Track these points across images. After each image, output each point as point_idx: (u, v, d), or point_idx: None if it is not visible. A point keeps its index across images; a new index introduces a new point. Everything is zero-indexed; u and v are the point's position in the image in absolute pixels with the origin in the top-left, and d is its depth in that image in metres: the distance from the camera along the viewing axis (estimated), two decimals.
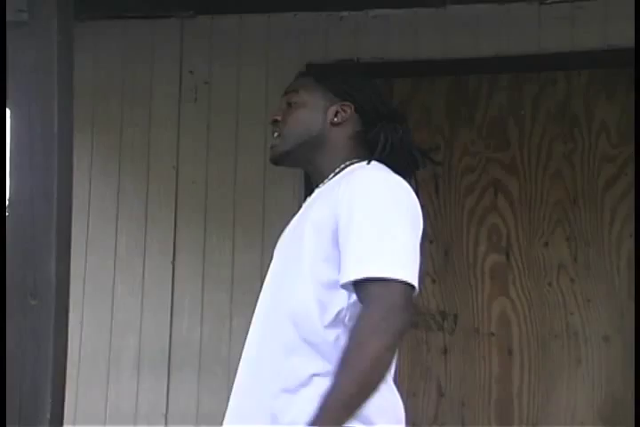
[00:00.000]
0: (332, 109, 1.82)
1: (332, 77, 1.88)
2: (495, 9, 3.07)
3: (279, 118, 1.85)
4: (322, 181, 1.80)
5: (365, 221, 1.59)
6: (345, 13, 3.18)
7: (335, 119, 1.82)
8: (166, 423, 3.14)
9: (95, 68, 3.30)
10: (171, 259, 3.20)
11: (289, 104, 1.85)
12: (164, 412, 3.14)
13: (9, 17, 1.81)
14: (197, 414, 3.10)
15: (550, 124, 3.07)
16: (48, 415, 1.72)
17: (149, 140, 3.29)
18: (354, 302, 1.60)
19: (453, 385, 3.02)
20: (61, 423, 1.79)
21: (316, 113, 1.83)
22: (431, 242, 3.08)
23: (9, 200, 1.83)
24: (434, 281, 3.06)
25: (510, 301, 3.02)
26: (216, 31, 3.29)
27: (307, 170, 1.92)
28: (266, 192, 3.15)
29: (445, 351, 3.03)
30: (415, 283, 1.57)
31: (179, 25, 3.29)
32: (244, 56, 3.25)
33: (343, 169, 1.79)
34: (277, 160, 1.87)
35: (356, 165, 1.78)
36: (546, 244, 3.02)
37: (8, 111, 1.86)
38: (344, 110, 1.82)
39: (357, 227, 1.58)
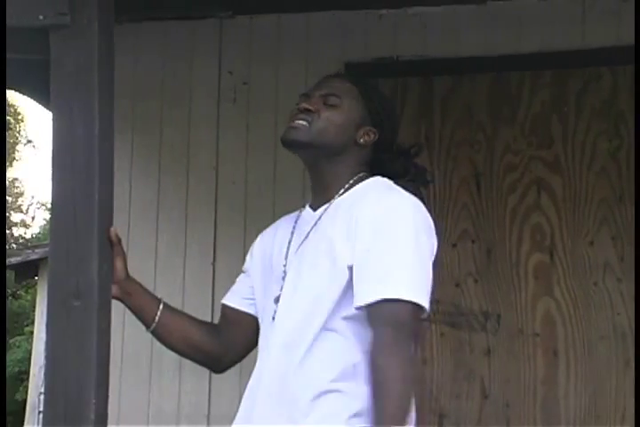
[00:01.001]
0: (362, 130, 1.81)
1: (375, 97, 1.85)
2: (537, 4, 3.03)
3: (313, 109, 1.80)
4: (329, 197, 1.80)
5: (385, 247, 1.65)
6: (384, 11, 3.16)
7: (362, 140, 1.81)
8: (208, 424, 3.14)
9: (135, 69, 3.32)
10: (211, 259, 3.20)
11: (326, 104, 1.81)
12: (207, 413, 3.15)
13: (52, 20, 1.83)
14: None
15: (595, 120, 3.02)
16: (92, 416, 1.72)
17: (189, 141, 3.30)
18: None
19: (497, 386, 2.98)
20: (105, 424, 1.79)
21: (349, 125, 1.81)
22: (473, 242, 3.04)
23: (51, 202, 1.84)
24: (476, 281, 3.03)
25: (555, 301, 2.98)
26: (255, 31, 3.29)
27: (312, 172, 1.88)
28: (306, 192, 3.11)
29: (489, 352, 2.99)
30: (426, 306, 1.64)
31: (217, 25, 3.29)
32: (283, 56, 3.24)
33: (352, 185, 1.80)
34: (289, 143, 1.82)
35: (370, 181, 1.80)
36: (591, 243, 2.97)
37: (50, 113, 1.87)
38: (369, 135, 1.82)
39: (376, 252, 1.64)
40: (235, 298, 1.96)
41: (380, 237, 1.66)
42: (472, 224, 3.05)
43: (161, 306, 1.91)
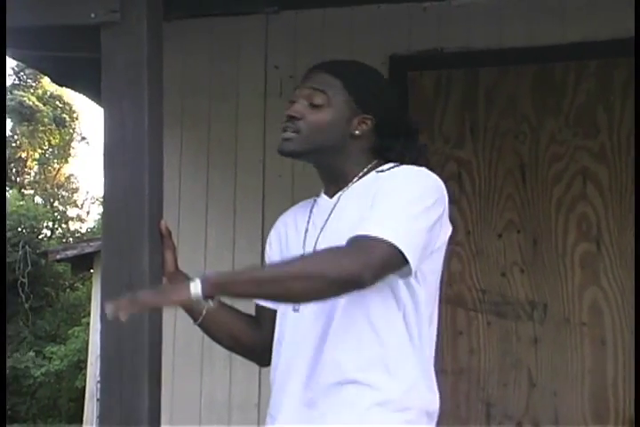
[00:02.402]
0: (355, 121, 1.80)
1: (360, 84, 1.82)
2: None
3: (299, 116, 1.80)
4: (345, 184, 1.81)
5: (392, 199, 1.67)
6: (428, 4, 3.17)
7: (356, 132, 1.80)
8: (259, 413, 3.18)
9: (183, 65, 3.37)
10: (259, 252, 3.23)
11: (312, 104, 1.80)
12: (257, 402, 3.19)
13: (103, 18, 1.87)
14: None
15: None
16: (147, 404, 1.76)
17: (237, 135, 3.34)
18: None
19: (545, 376, 2.98)
20: (159, 413, 1.83)
21: (339, 121, 1.79)
22: (519, 232, 3.05)
23: (103, 197, 1.89)
24: (522, 271, 3.03)
25: (602, 290, 2.97)
26: (300, 25, 3.32)
27: (320, 169, 1.88)
28: None
29: (536, 341, 2.99)
30: (410, 258, 1.61)
31: (263, 20, 3.33)
32: (328, 49, 3.26)
33: (367, 172, 1.81)
34: (287, 155, 1.83)
35: (388, 165, 1.81)
36: None
37: (101, 109, 1.92)
38: (365, 123, 1.80)
39: (384, 201, 1.67)
40: None
41: (387, 192, 1.69)
42: (517, 215, 3.06)
43: None
